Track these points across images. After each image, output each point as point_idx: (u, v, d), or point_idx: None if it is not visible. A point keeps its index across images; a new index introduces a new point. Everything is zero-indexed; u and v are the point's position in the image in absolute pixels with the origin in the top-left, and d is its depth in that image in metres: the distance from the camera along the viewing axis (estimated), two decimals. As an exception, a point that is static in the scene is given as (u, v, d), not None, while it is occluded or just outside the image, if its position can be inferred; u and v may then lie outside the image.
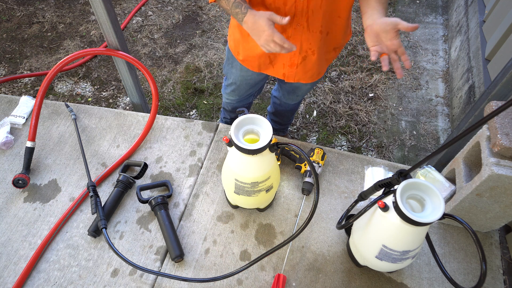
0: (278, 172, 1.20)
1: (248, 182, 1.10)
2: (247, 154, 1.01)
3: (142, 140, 1.54)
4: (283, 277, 1.16)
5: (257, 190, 1.14)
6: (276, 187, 1.23)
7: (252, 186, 1.12)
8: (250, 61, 1.43)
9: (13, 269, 1.22)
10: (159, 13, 3.31)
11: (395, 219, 0.91)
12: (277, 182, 1.21)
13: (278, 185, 1.31)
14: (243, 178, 1.10)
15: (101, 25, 1.53)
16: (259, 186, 1.12)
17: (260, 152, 1.01)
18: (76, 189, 1.42)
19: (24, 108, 1.67)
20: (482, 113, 1.23)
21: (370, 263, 1.11)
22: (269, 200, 1.28)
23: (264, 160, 1.06)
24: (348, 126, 2.42)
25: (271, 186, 1.16)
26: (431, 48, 2.95)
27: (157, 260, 1.24)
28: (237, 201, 1.26)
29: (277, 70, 1.42)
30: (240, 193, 1.17)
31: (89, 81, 2.75)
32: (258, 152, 1.00)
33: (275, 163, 1.15)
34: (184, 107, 2.56)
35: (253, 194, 1.15)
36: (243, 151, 1.00)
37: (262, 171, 1.08)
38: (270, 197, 1.24)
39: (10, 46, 2.99)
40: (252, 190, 1.13)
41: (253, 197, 1.17)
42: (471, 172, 1.19)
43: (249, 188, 1.12)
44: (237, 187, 1.14)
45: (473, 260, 1.22)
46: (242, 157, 1.04)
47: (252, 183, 1.10)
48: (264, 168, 1.08)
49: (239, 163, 1.07)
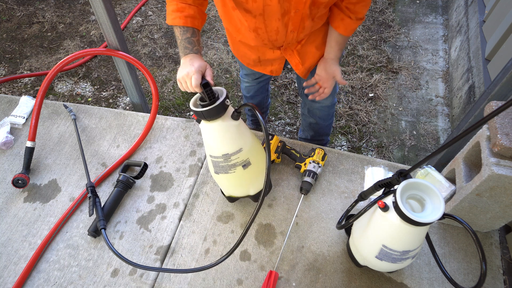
0: (258, 148, 1.17)
1: (219, 155, 1.10)
2: (205, 120, 1.04)
3: (142, 140, 1.54)
4: (275, 273, 1.17)
5: (232, 165, 1.12)
6: (259, 166, 1.18)
7: (225, 160, 1.10)
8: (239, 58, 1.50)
9: (13, 269, 1.22)
10: (159, 13, 3.31)
11: (395, 219, 0.91)
12: (257, 159, 1.17)
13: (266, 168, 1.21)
14: (214, 151, 1.10)
15: (101, 25, 1.53)
16: (232, 160, 1.10)
17: (218, 116, 1.02)
18: (76, 189, 1.42)
19: (24, 108, 1.67)
20: (482, 113, 1.23)
21: (370, 263, 1.11)
22: (255, 181, 1.22)
23: (228, 127, 1.06)
24: (348, 126, 2.42)
25: (247, 161, 1.13)
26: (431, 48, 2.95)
27: (157, 260, 1.24)
28: (223, 185, 1.25)
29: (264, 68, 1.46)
30: (219, 171, 1.15)
31: (89, 81, 2.75)
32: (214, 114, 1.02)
33: (249, 136, 1.13)
34: (184, 107, 2.56)
35: (229, 171, 1.13)
36: (200, 116, 1.03)
37: (229, 140, 1.08)
38: (252, 177, 1.19)
39: (10, 46, 2.99)
40: (227, 165, 1.12)
41: (232, 175, 1.14)
42: (471, 172, 1.19)
43: (222, 162, 1.11)
44: (214, 165, 1.14)
45: (473, 260, 1.22)
46: (206, 126, 1.05)
47: (223, 155, 1.09)
48: (230, 137, 1.08)
49: (207, 135, 1.08)
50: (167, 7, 1.14)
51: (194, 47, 1.10)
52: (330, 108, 1.71)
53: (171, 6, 1.12)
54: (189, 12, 1.11)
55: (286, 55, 1.35)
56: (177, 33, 1.12)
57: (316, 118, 1.75)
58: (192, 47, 1.10)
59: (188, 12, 1.10)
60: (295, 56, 1.36)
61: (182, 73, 1.05)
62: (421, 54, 2.90)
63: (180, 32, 1.11)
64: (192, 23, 1.11)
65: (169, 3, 1.13)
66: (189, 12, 1.11)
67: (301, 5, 1.09)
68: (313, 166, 1.38)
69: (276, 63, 1.41)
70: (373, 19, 3.21)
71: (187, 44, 1.10)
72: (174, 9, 1.11)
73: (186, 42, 1.10)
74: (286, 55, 1.35)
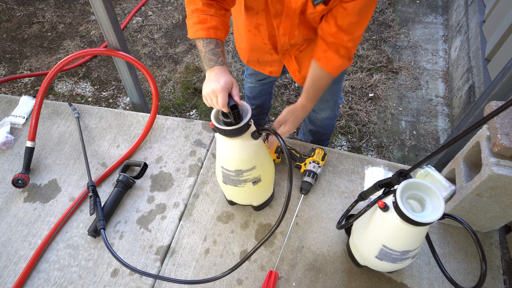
0: (269, 166, 1.18)
1: (232, 169, 1.09)
2: (225, 136, 1.01)
3: (142, 140, 1.54)
4: (275, 273, 1.17)
5: (243, 180, 1.12)
6: (268, 183, 1.20)
7: (236, 175, 1.10)
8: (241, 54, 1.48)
9: (13, 269, 1.22)
10: (159, 13, 3.31)
11: (395, 219, 0.91)
12: (267, 176, 1.18)
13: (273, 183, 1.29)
14: (227, 165, 1.09)
15: (101, 25, 1.53)
16: (244, 175, 1.10)
17: (239, 135, 1.01)
18: (76, 189, 1.42)
19: (24, 108, 1.67)
20: (482, 113, 1.23)
21: (370, 263, 1.11)
22: (260, 195, 1.26)
23: (246, 146, 1.05)
24: (348, 126, 2.42)
25: (258, 178, 1.14)
26: (431, 48, 2.95)
27: (157, 260, 1.24)
28: (228, 193, 1.25)
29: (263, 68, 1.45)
30: (227, 183, 1.15)
31: (89, 81, 2.75)
32: (236, 134, 1.00)
33: (264, 155, 1.13)
34: (184, 107, 2.56)
35: (239, 185, 1.14)
36: (221, 132, 1.00)
37: (245, 159, 1.07)
38: (259, 192, 1.21)
39: (10, 46, 2.99)
40: (238, 180, 1.12)
41: (240, 189, 1.15)
42: (471, 172, 1.19)
43: (234, 176, 1.11)
44: (224, 176, 1.14)
45: (473, 260, 1.22)
46: (224, 141, 1.04)
47: (236, 170, 1.09)
48: (247, 155, 1.07)
49: (223, 148, 1.07)
50: (188, 21, 1.07)
51: (219, 58, 1.03)
52: (332, 119, 1.70)
53: (192, 19, 1.05)
54: (211, 23, 1.04)
55: (284, 60, 1.35)
56: (200, 46, 1.05)
57: (317, 127, 1.75)
58: (217, 58, 1.03)
59: (210, 23, 1.04)
60: (293, 62, 1.35)
61: (207, 89, 0.99)
62: (421, 54, 2.90)
63: (203, 44, 1.04)
64: (215, 34, 1.05)
65: (190, 17, 1.06)
66: (212, 23, 1.04)
67: (291, 11, 1.08)
68: (313, 166, 1.38)
69: (275, 65, 1.41)
70: (373, 19, 3.21)
71: (211, 55, 1.03)
72: (195, 22, 1.05)
73: (210, 54, 1.04)
74: (284, 60, 1.35)
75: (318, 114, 1.64)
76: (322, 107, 1.60)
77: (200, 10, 1.04)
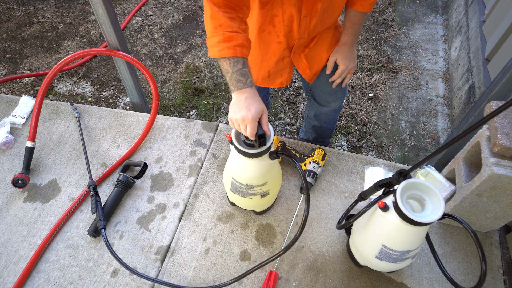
0: (278, 180, 1.20)
1: (243, 183, 1.11)
2: (244, 157, 1.02)
3: (142, 140, 1.54)
4: (275, 273, 1.17)
5: (252, 193, 1.14)
6: (274, 194, 1.23)
7: (247, 188, 1.12)
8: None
9: (13, 269, 1.22)
10: (159, 13, 3.31)
11: (395, 219, 0.91)
12: (275, 189, 1.21)
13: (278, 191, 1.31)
14: (239, 178, 1.10)
15: (101, 25, 1.53)
16: (254, 190, 1.12)
17: (258, 157, 1.01)
18: (76, 189, 1.42)
19: (24, 108, 1.67)
20: (482, 113, 1.23)
21: (370, 263, 1.11)
22: (265, 205, 1.29)
23: (262, 165, 1.06)
24: (348, 126, 2.42)
25: (267, 192, 1.16)
26: (431, 48, 2.95)
27: (157, 260, 1.24)
28: (233, 199, 1.27)
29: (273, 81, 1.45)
30: (235, 192, 1.17)
31: (89, 81, 2.75)
32: (255, 156, 1.00)
33: (276, 171, 1.15)
34: (184, 107, 2.56)
35: (247, 196, 1.16)
36: (241, 153, 1.00)
37: (259, 176, 1.08)
38: (265, 202, 1.24)
39: (10, 46, 2.99)
40: (247, 192, 1.13)
41: (248, 199, 1.18)
42: (471, 172, 1.19)
43: (244, 189, 1.13)
44: (233, 186, 1.15)
45: (473, 260, 1.22)
46: (240, 158, 1.04)
47: (247, 185, 1.10)
48: (261, 173, 1.08)
49: (237, 162, 1.07)
50: (210, 39, 1.02)
51: (248, 79, 0.99)
52: (337, 112, 1.70)
53: (216, 37, 1.00)
54: (237, 41, 0.99)
55: (294, 59, 1.35)
56: (226, 66, 1.00)
57: (321, 122, 1.74)
58: (246, 79, 0.99)
59: (236, 41, 0.99)
60: (303, 60, 1.35)
61: (236, 115, 0.95)
62: (421, 54, 2.90)
63: (229, 64, 0.99)
64: (242, 52, 1.00)
65: (212, 34, 1.01)
66: (238, 41, 1.00)
67: None
68: (313, 166, 1.38)
69: (285, 72, 1.40)
70: (373, 19, 3.21)
71: (240, 76, 0.99)
72: (220, 40, 0.99)
73: (239, 75, 0.99)
74: (294, 59, 1.35)
75: (326, 107, 1.64)
76: (330, 99, 1.60)
77: (224, 26, 0.99)
